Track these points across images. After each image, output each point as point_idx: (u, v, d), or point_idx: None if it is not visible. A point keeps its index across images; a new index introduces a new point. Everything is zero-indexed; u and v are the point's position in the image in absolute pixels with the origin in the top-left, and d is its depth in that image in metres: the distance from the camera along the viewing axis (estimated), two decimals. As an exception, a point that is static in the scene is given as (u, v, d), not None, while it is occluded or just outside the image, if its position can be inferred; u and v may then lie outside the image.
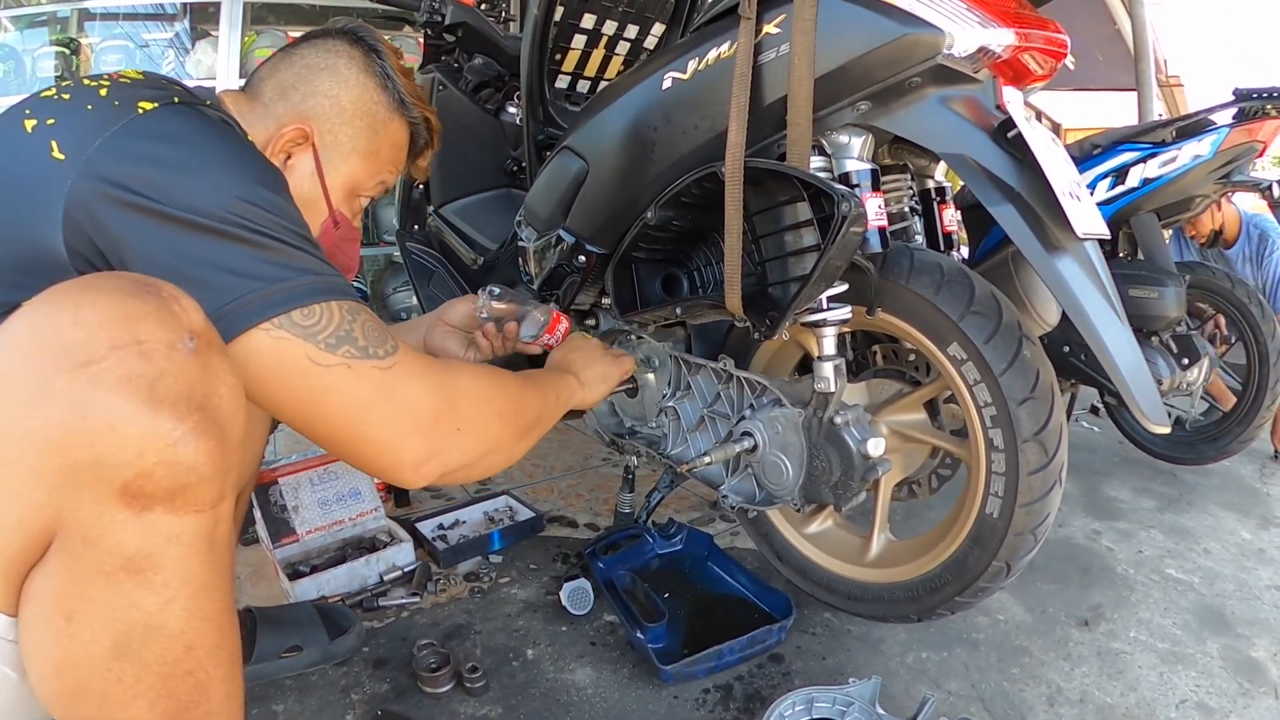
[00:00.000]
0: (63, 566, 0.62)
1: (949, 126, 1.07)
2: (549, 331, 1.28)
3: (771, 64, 1.07)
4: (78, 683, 0.63)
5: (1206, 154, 2.01)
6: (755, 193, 1.10)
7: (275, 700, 1.23)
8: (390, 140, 1.07)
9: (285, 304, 0.75)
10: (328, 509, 1.72)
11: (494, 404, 0.94)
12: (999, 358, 1.08)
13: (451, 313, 1.31)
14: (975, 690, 1.32)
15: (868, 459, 1.16)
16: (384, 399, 0.81)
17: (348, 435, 0.81)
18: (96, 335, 0.60)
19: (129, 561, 0.62)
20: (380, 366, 0.80)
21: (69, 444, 0.59)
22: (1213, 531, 2.05)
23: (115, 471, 0.60)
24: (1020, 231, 1.02)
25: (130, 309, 0.62)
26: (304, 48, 1.02)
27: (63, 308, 0.62)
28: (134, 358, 0.60)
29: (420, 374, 0.84)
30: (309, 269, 0.78)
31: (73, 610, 0.62)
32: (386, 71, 1.04)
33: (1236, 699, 1.34)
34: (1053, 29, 1.12)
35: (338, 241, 1.06)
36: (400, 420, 0.82)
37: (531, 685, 1.29)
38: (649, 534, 1.64)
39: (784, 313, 1.07)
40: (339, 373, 0.78)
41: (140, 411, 0.60)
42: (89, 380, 0.59)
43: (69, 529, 0.61)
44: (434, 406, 0.85)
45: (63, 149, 0.73)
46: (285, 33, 3.53)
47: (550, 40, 1.68)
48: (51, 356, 0.59)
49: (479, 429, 0.91)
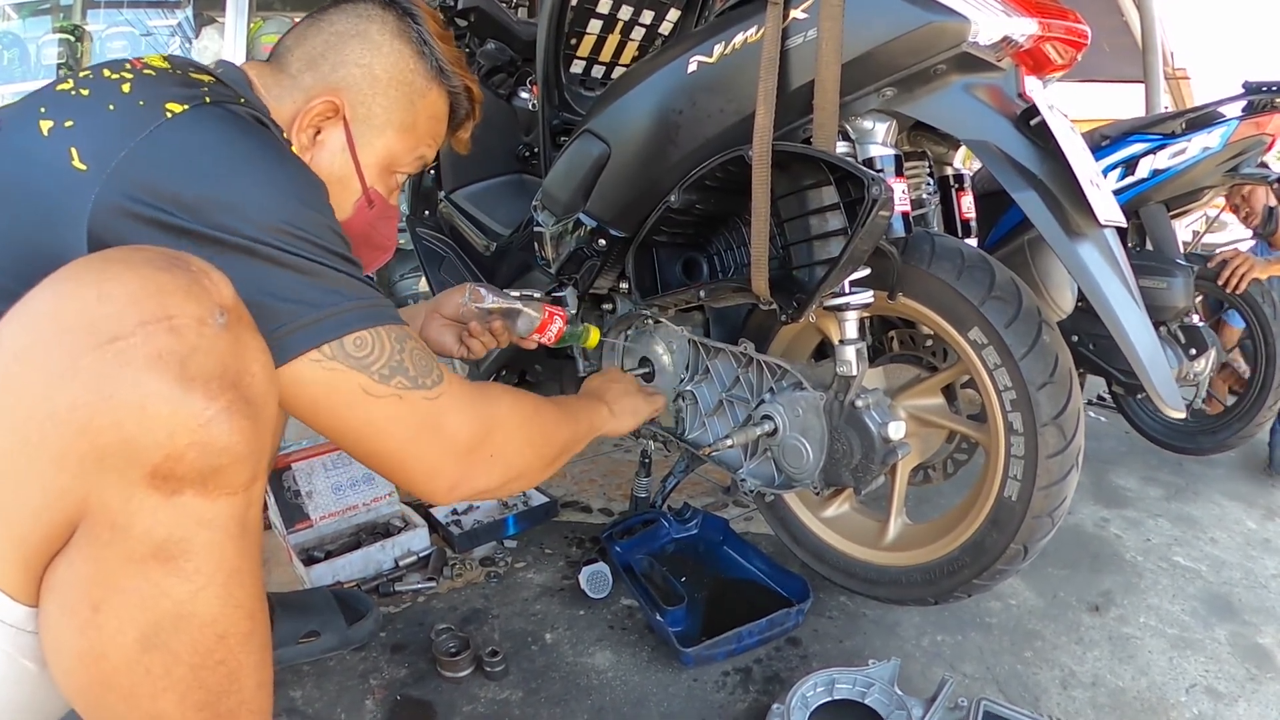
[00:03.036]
0: (89, 554, 0.59)
1: (973, 113, 1.08)
2: (540, 330, 1.28)
3: (799, 49, 1.08)
4: (104, 675, 0.61)
5: (1216, 146, 2.01)
6: (781, 176, 1.10)
7: (293, 686, 1.23)
8: (428, 111, 1.00)
9: (335, 331, 0.74)
10: (341, 494, 1.73)
11: (527, 433, 0.96)
12: (1019, 342, 1.09)
13: (447, 304, 1.29)
14: (990, 673, 1.33)
15: (888, 442, 1.17)
16: (429, 429, 0.82)
17: (391, 460, 0.83)
18: (125, 310, 0.57)
19: (159, 548, 0.59)
20: (428, 397, 0.81)
21: (96, 425, 0.56)
22: (1219, 521, 2.06)
23: (145, 453, 0.57)
24: (1043, 217, 1.03)
25: (159, 283, 0.59)
26: (332, 13, 0.95)
27: (87, 282, 0.59)
28: (164, 333, 0.58)
29: (463, 405, 0.86)
30: (354, 294, 0.77)
31: (100, 600, 0.59)
32: (423, 37, 0.96)
33: (1245, 684, 1.35)
34: (1073, 19, 1.13)
35: (373, 221, 1.00)
36: (442, 449, 0.84)
37: (551, 669, 1.30)
38: (665, 518, 1.65)
39: (811, 296, 1.07)
40: (390, 403, 0.78)
41: (171, 390, 0.57)
42: (117, 357, 0.56)
43: (95, 515, 0.58)
44: (473, 436, 0.87)
45: (84, 158, 0.69)
46: (291, 18, 3.51)
47: (566, 25, 1.68)
48: (77, 333, 0.57)
49: (510, 457, 0.93)
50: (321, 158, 0.94)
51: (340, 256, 0.77)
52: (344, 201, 0.96)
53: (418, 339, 0.83)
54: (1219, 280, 2.34)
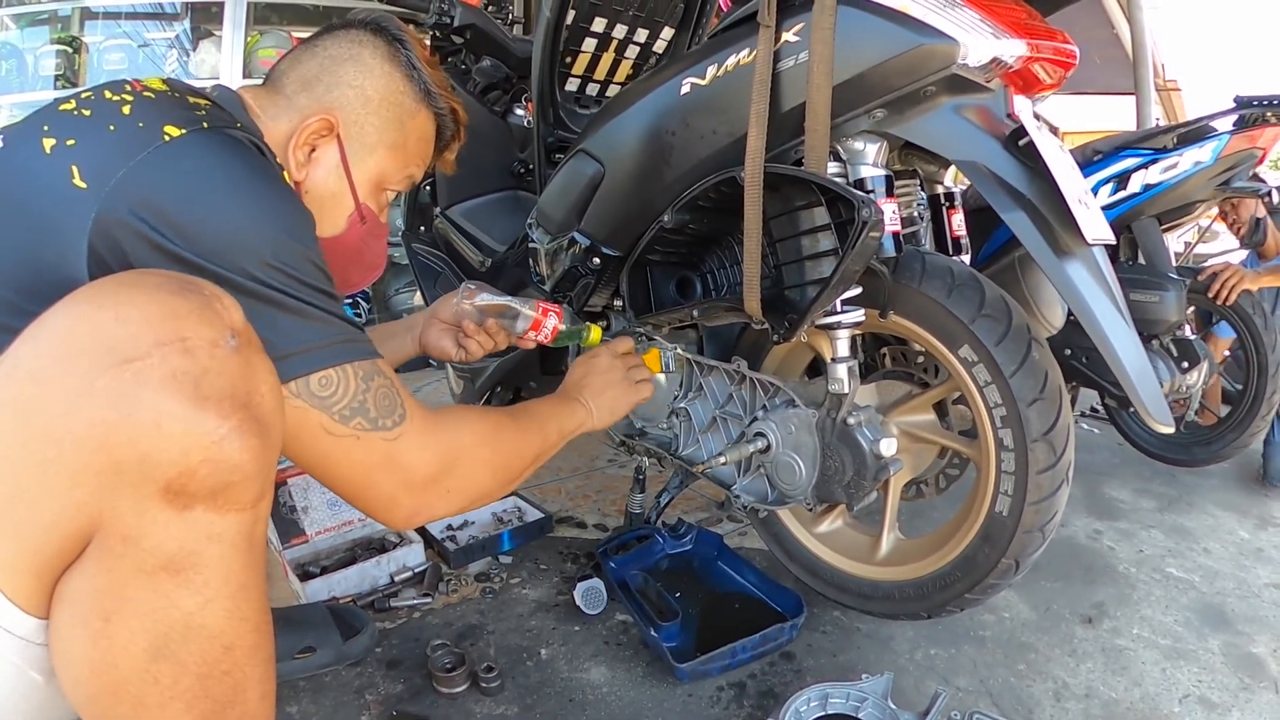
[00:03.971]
0: (102, 567, 0.61)
1: (962, 134, 1.09)
2: (534, 328, 1.26)
3: (790, 71, 1.09)
4: (113, 684, 0.62)
5: (1208, 160, 2.02)
6: (773, 197, 1.12)
7: (289, 702, 1.23)
8: (417, 132, 1.04)
9: (303, 368, 0.77)
10: (336, 510, 1.72)
11: (490, 462, 0.99)
12: (1009, 359, 1.10)
13: (444, 308, 1.30)
14: (984, 686, 1.34)
15: (880, 459, 1.18)
16: (386, 468, 0.86)
17: (349, 490, 0.87)
18: (140, 332, 0.60)
19: (170, 561, 0.61)
20: (387, 438, 0.84)
21: (113, 442, 0.58)
22: (1212, 531, 2.07)
23: (159, 470, 0.59)
24: (1031, 237, 1.05)
25: (173, 306, 0.62)
26: (326, 39, 1.00)
27: (103, 305, 0.61)
28: (178, 355, 0.60)
29: (423, 442, 0.89)
30: (328, 333, 0.80)
31: (111, 611, 0.61)
32: (412, 62, 1.01)
33: (1238, 694, 1.36)
34: (1061, 39, 1.14)
35: (364, 237, 1.03)
36: (397, 484, 0.88)
37: (546, 685, 1.30)
38: (659, 534, 1.65)
39: (803, 315, 1.08)
40: (348, 443, 0.82)
41: (186, 409, 0.59)
42: (134, 377, 0.58)
43: (109, 528, 0.60)
44: (432, 471, 0.90)
45: (84, 176, 0.72)
46: (289, 33, 3.53)
47: (562, 43, 1.69)
48: (94, 354, 0.59)
49: (471, 486, 0.97)
50: (316, 174, 0.97)
51: (319, 291, 0.80)
52: (338, 217, 1.00)
53: (386, 374, 0.86)
54: (1209, 293, 2.36)
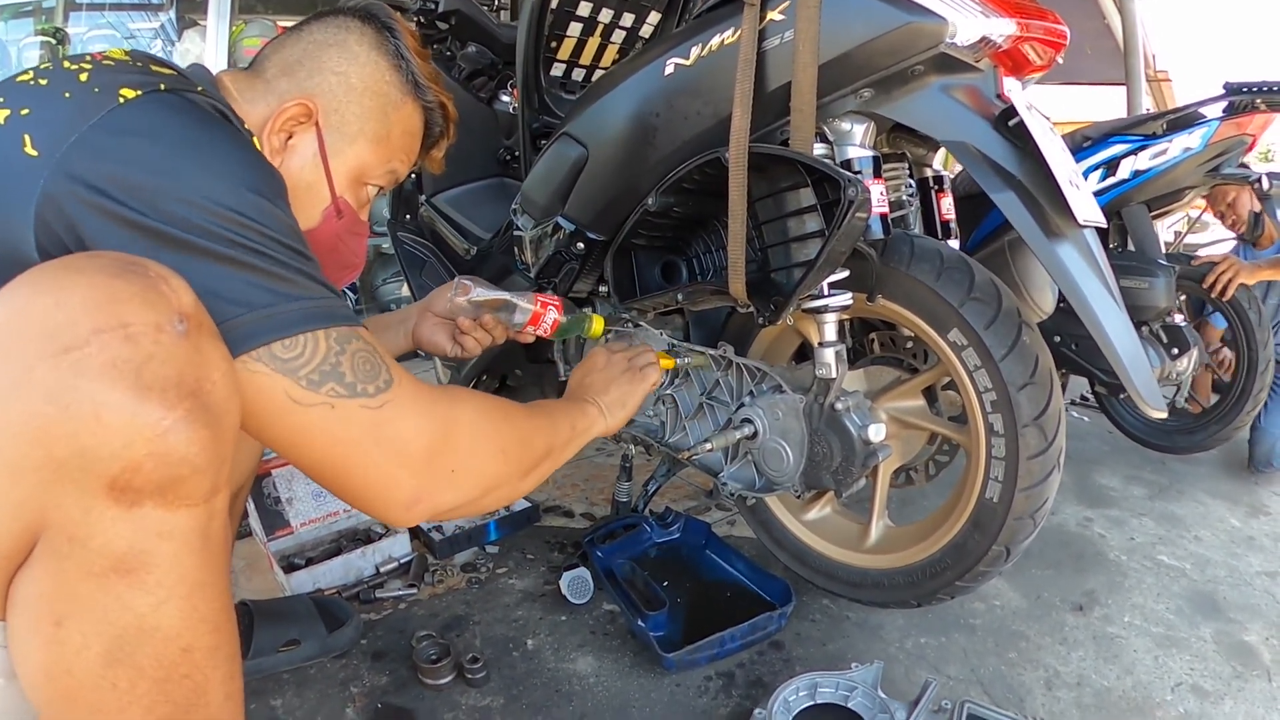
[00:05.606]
0: (49, 569, 0.58)
1: (951, 114, 1.07)
2: (533, 322, 1.22)
3: (775, 50, 1.07)
4: (69, 690, 0.60)
5: (1197, 147, 2.02)
6: (758, 178, 1.10)
7: (273, 695, 1.22)
8: (402, 125, 0.99)
9: (266, 334, 0.69)
10: (321, 501, 1.71)
11: (496, 441, 0.89)
12: (999, 343, 1.09)
13: (438, 302, 1.26)
14: (974, 674, 1.33)
15: (869, 444, 1.17)
16: (371, 441, 0.75)
17: (334, 476, 0.77)
18: (79, 319, 0.56)
19: (119, 561, 0.59)
20: (369, 405, 0.74)
21: (51, 436, 0.55)
22: (1203, 519, 2.07)
23: (102, 465, 0.56)
24: (1022, 218, 1.03)
25: (115, 289, 0.58)
26: (312, 24, 0.95)
27: (43, 290, 0.58)
28: (119, 342, 0.57)
29: (415, 411, 0.79)
30: (298, 293, 0.72)
31: (62, 614, 0.59)
32: (400, 51, 0.96)
33: (1230, 681, 1.35)
34: (1052, 19, 1.12)
35: (339, 233, 0.98)
36: (390, 459, 0.77)
37: (533, 675, 1.29)
38: (647, 523, 1.64)
39: (789, 298, 1.07)
40: (320, 412, 0.72)
41: (127, 399, 0.56)
42: (71, 367, 0.55)
43: (54, 528, 0.57)
44: (428, 446, 0.80)
45: (36, 144, 0.67)
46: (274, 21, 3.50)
47: (546, 28, 1.67)
48: (31, 342, 0.56)
49: (477, 468, 0.86)
50: (292, 162, 0.92)
51: (288, 248, 0.73)
52: (312, 209, 0.94)
53: (367, 340, 0.77)
54: (1206, 284, 2.35)
